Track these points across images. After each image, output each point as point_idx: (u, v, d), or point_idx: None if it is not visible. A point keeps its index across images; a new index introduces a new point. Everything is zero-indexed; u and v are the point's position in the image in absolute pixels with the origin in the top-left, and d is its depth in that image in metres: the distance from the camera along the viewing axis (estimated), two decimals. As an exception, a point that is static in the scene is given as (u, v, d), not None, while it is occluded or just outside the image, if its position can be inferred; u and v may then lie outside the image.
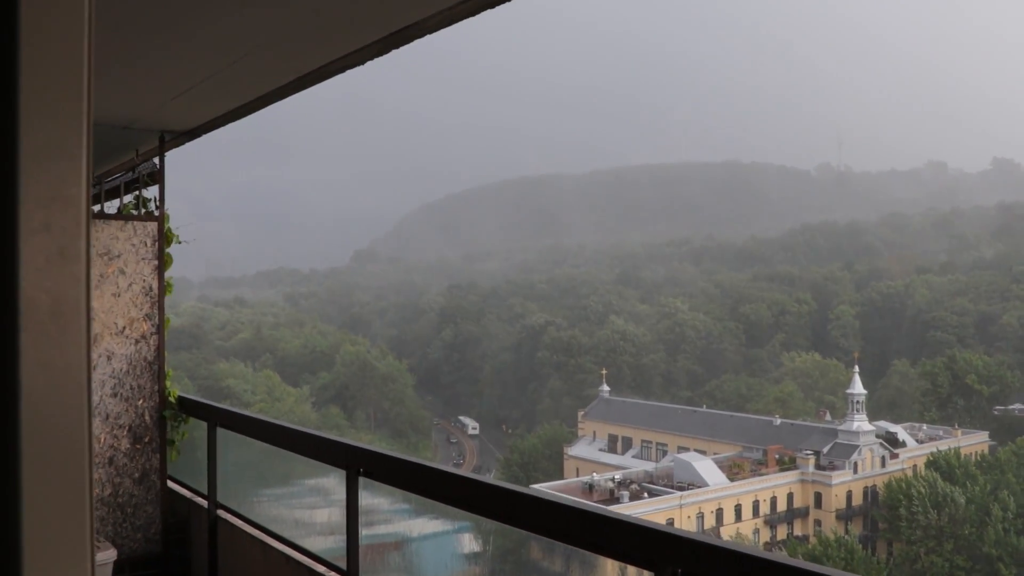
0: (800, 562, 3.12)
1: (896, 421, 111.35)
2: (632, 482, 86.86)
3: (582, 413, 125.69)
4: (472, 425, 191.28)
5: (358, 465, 5.62)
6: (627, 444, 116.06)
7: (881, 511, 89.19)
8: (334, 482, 5.90)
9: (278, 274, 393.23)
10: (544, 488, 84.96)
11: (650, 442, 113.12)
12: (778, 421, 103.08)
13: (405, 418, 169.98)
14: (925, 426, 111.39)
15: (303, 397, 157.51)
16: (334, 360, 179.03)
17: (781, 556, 2.95)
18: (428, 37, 4.75)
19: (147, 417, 8.56)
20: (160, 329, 8.59)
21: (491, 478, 4.63)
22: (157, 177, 8.58)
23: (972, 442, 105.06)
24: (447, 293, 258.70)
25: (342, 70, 5.50)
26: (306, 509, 7.66)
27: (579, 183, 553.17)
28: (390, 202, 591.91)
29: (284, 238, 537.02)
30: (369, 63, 5.30)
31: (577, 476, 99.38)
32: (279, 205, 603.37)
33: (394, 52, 5.04)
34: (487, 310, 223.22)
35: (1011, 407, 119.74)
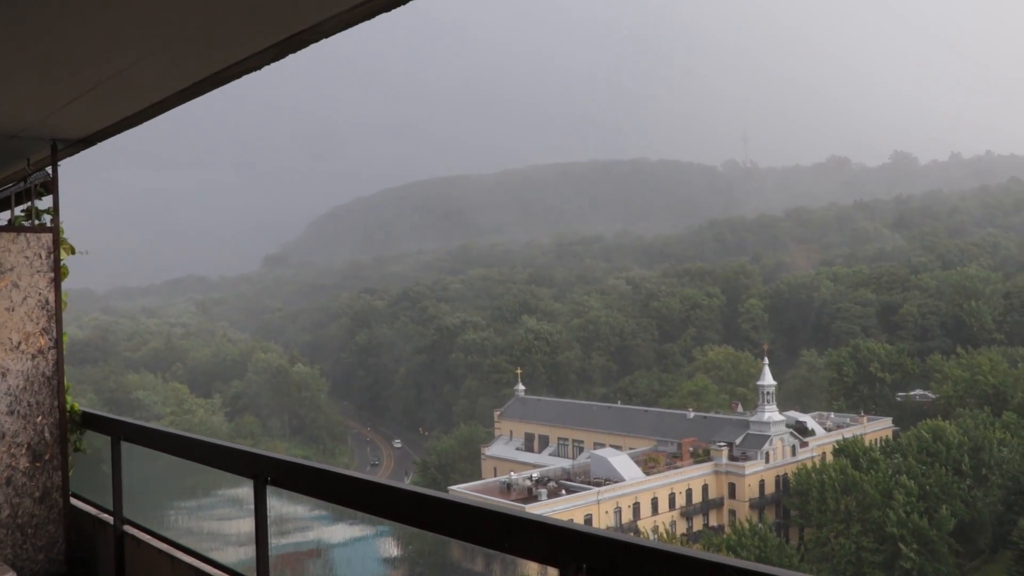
0: (699, 552, 3.17)
1: (805, 411, 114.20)
2: (550, 480, 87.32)
3: (498, 413, 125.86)
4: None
5: (265, 474, 5.54)
6: (544, 442, 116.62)
7: (792, 499, 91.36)
8: (247, 492, 5.80)
9: (186, 282, 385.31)
10: (462, 489, 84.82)
11: (566, 439, 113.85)
12: (691, 414, 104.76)
13: (320, 425, 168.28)
14: (833, 414, 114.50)
15: (215, 407, 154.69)
16: (246, 368, 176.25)
17: (680, 548, 3.03)
18: (334, 40, 4.72)
19: (47, 434, 8.30)
20: (58, 343, 8.33)
21: (397, 481, 4.58)
22: (50, 187, 8.31)
23: (877, 428, 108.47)
24: (359, 297, 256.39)
25: (239, 75, 5.42)
26: (219, 520, 7.54)
27: (488, 184, 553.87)
28: (300, 206, 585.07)
29: (192, 245, 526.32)
30: (276, 66, 5.25)
31: (495, 476, 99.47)
32: (185, 212, 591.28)
33: (302, 54, 4.99)
34: (400, 313, 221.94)
35: (912, 393, 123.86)
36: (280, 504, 5.64)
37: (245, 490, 5.76)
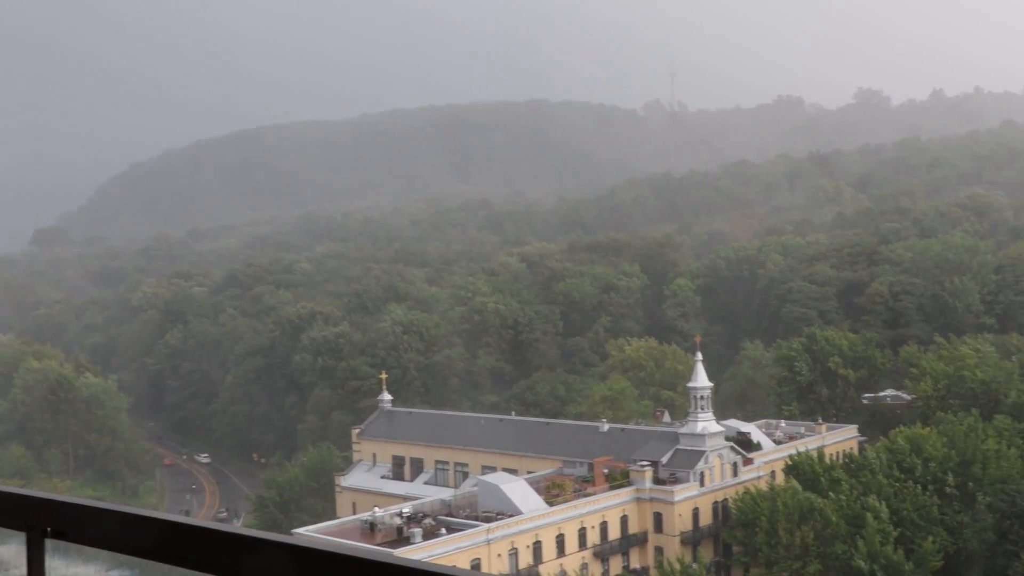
0: None
1: (749, 419, 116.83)
2: (425, 516, 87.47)
3: (357, 431, 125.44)
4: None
5: (43, 524, 5.31)
6: (417, 467, 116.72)
7: (734, 531, 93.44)
8: (16, 550, 5.63)
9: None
10: (311, 532, 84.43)
11: (446, 463, 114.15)
12: (606, 427, 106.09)
13: (118, 454, 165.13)
14: (783, 423, 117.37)
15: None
16: (12, 381, 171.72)
17: None
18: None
19: None
20: None
21: (225, 524, 4.49)
22: None
23: (839, 439, 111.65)
24: (170, 283, 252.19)
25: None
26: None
27: (341, 133, 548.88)
28: (85, 164, 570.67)
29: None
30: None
31: (354, 513, 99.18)
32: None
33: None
34: (226, 303, 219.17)
35: (881, 394, 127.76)
36: (64, 564, 5.50)
37: (13, 548, 5.56)
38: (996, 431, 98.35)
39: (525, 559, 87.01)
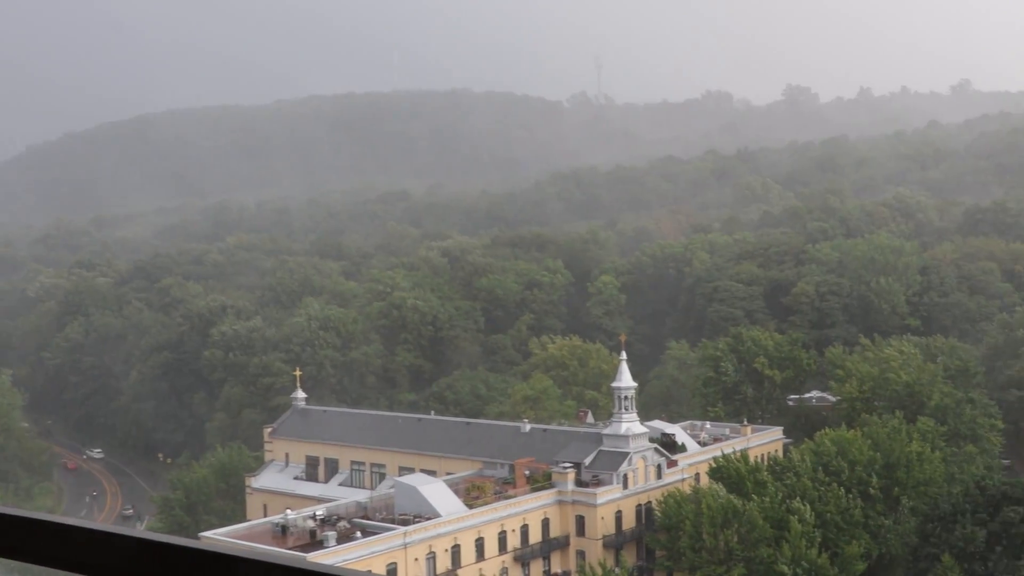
0: None
1: (674, 420, 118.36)
2: (340, 519, 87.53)
3: (269, 430, 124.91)
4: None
5: None
6: (332, 468, 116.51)
7: (658, 535, 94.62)
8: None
9: None
10: (219, 535, 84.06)
11: (362, 463, 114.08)
12: (527, 427, 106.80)
13: (12, 453, 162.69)
14: (708, 424, 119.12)
15: None
16: None
17: None
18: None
19: None
20: None
21: (127, 528, 4.46)
22: None
23: (764, 441, 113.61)
24: (71, 273, 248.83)
25: None
26: None
27: (254, 119, 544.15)
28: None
29: None
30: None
31: (266, 516, 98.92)
32: None
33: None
34: (131, 295, 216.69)
35: (807, 396, 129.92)
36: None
37: None
38: (920, 433, 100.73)
39: (443, 563, 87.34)
